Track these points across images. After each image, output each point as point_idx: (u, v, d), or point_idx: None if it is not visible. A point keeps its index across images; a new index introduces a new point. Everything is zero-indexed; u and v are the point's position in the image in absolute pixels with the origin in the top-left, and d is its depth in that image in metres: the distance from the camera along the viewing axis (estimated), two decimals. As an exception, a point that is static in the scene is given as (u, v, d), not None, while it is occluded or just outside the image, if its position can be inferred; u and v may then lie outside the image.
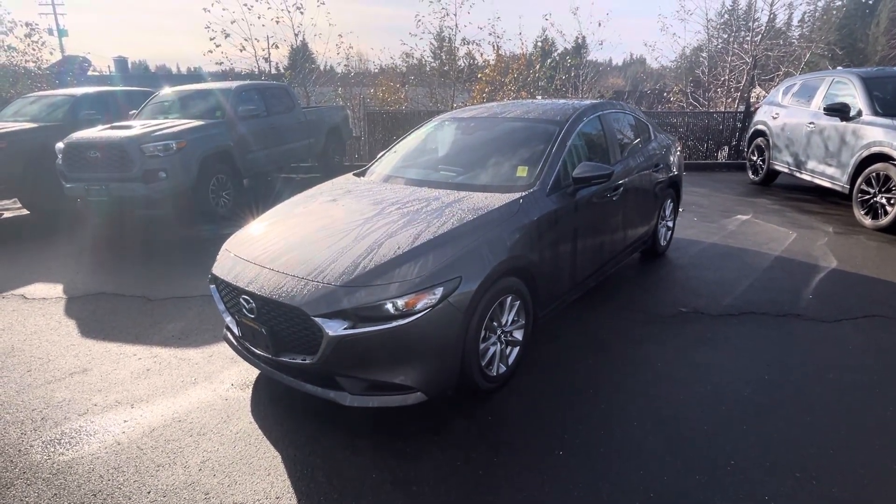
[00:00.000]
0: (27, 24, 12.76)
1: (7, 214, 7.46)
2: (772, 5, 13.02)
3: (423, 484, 2.16)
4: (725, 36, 15.67)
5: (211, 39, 11.57)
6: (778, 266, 4.61)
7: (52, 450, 2.41)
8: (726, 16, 17.18)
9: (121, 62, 30.50)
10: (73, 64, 15.61)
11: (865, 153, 5.75)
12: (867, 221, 5.72)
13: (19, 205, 7.50)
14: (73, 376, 3.04)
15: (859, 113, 6.00)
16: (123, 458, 2.34)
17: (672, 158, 4.79)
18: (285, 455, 2.35)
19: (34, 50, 12.83)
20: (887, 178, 5.48)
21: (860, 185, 5.81)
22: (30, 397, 2.84)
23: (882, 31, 32.25)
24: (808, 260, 4.74)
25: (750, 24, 14.38)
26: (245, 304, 2.54)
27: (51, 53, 13.88)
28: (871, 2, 36.03)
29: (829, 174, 6.44)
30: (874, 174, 5.64)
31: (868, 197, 5.73)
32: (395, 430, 2.50)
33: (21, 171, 6.68)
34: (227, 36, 11.62)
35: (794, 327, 3.49)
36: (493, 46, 13.16)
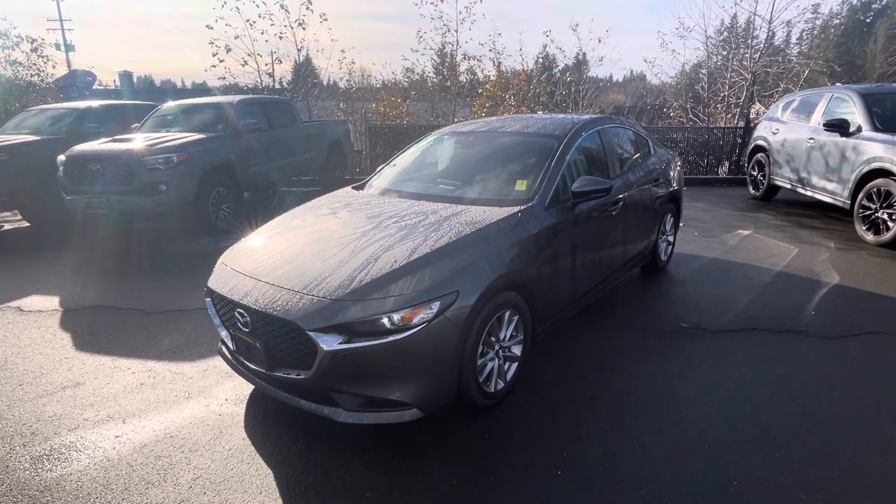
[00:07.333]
0: (31, 40, 12.93)
1: (7, 227, 7.47)
2: (770, 23, 13.16)
3: (418, 504, 2.11)
4: (725, 53, 15.83)
5: (214, 55, 11.70)
6: (780, 282, 4.57)
7: (41, 466, 2.37)
8: (725, 33, 17.38)
9: (126, 76, 30.83)
10: (77, 78, 15.77)
11: (866, 169, 5.74)
12: (869, 237, 5.70)
13: (20, 217, 7.51)
14: (66, 390, 3.00)
15: (859, 129, 6.00)
16: (113, 475, 2.30)
17: (672, 173, 4.78)
18: (278, 472, 2.30)
19: (39, 63, 12.98)
20: (888, 194, 5.47)
21: (861, 200, 5.79)
22: (20, 412, 2.80)
23: (880, 48, 32.59)
24: (810, 276, 4.70)
25: (749, 41, 14.52)
26: (240, 317, 2.51)
27: (53, 67, 14.01)
28: (868, 20, 36.46)
29: (829, 190, 6.43)
30: (875, 190, 5.62)
31: (869, 212, 5.71)
32: (391, 448, 2.45)
33: (22, 184, 6.70)
34: (228, 51, 11.73)
35: (797, 344, 3.44)
36: (494, 62, 13.28)
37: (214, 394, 2.94)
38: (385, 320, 2.23)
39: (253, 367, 2.55)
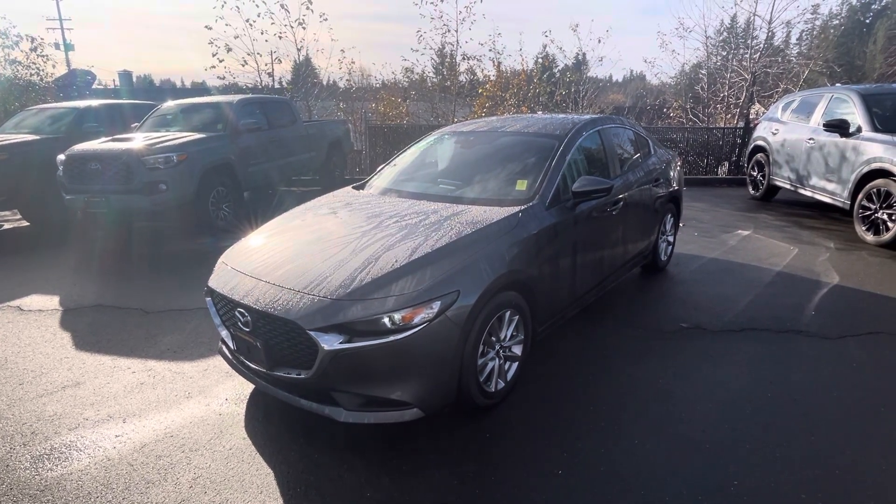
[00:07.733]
0: (31, 39, 12.92)
1: (7, 226, 7.46)
2: (770, 23, 13.17)
3: None
4: (724, 53, 15.86)
5: (213, 55, 11.69)
6: (779, 282, 4.58)
7: (41, 465, 2.37)
8: (725, 33, 17.41)
9: (125, 76, 30.77)
10: (77, 77, 15.75)
11: (866, 169, 5.75)
12: (869, 237, 5.70)
13: (20, 216, 7.50)
14: (66, 390, 3.00)
15: (859, 129, 6.01)
16: (113, 475, 2.30)
17: (672, 173, 4.79)
18: (278, 472, 2.30)
19: (38, 62, 12.97)
20: (888, 194, 5.47)
21: (861, 201, 5.80)
22: (20, 411, 2.79)
23: (879, 49, 32.61)
24: (809, 276, 4.70)
25: (748, 41, 14.56)
26: (240, 317, 2.51)
27: (53, 67, 13.98)
28: (868, 20, 36.51)
29: (829, 190, 6.43)
30: (875, 190, 5.63)
31: (869, 213, 5.71)
32: (391, 447, 2.45)
33: (22, 183, 6.69)
34: (229, 50, 11.72)
35: (797, 344, 3.44)
36: (494, 62, 13.30)
37: (215, 393, 2.94)
38: (386, 320, 2.23)
39: (253, 366, 2.55)
